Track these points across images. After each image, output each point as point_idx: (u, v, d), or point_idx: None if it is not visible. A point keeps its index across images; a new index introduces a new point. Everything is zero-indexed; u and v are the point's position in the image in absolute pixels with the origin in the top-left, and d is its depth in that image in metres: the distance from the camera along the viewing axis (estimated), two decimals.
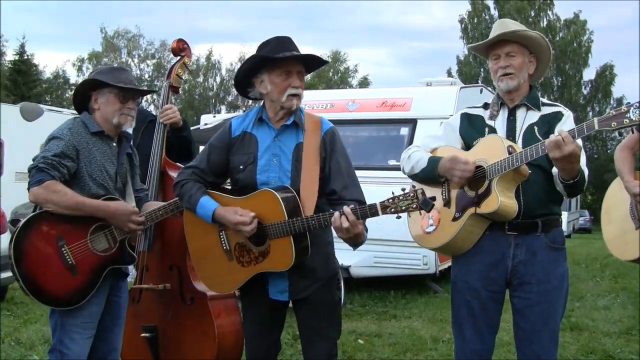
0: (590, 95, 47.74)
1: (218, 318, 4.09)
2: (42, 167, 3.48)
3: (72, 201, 3.49)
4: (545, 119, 3.48)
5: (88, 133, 3.66)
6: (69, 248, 3.53)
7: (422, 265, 9.05)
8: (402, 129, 9.96)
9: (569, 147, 3.03)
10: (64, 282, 3.53)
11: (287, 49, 3.36)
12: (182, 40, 4.71)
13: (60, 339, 3.58)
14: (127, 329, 4.17)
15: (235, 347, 4.18)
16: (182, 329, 4.15)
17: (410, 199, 3.04)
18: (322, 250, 3.45)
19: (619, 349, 6.35)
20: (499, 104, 3.57)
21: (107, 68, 3.86)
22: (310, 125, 3.46)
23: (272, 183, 3.38)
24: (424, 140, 3.80)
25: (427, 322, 7.63)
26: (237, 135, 3.52)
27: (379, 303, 8.75)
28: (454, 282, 3.62)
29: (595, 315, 8.04)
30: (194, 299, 4.14)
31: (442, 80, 12.27)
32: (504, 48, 3.48)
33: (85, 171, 3.60)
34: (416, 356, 6.14)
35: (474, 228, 3.43)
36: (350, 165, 3.47)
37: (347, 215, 3.10)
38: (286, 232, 3.23)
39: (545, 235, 3.42)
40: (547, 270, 3.41)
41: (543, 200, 3.41)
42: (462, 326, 3.54)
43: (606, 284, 11.26)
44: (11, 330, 6.83)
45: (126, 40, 53.03)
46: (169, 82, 4.58)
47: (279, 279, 3.40)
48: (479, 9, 46.92)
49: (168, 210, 3.80)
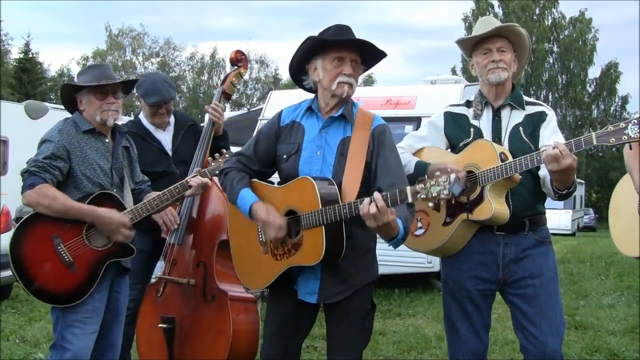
0: (595, 94, 47.61)
1: (235, 319, 4.11)
2: (33, 170, 3.52)
3: (61, 206, 3.53)
4: (530, 119, 3.50)
5: (80, 132, 3.69)
6: (65, 246, 3.57)
7: (426, 264, 9.05)
8: (407, 126, 9.94)
9: (566, 160, 3.05)
10: (63, 279, 3.57)
11: (344, 35, 3.26)
12: (240, 51, 4.86)
13: (62, 334, 3.60)
14: (146, 323, 4.31)
15: (248, 349, 4.20)
16: (198, 324, 4.20)
17: (442, 185, 2.80)
18: (363, 256, 3.32)
19: (623, 348, 6.33)
20: (482, 103, 3.56)
21: (85, 68, 3.89)
22: (361, 120, 3.35)
23: (313, 175, 3.25)
24: (408, 141, 3.76)
25: (432, 320, 7.63)
26: (285, 124, 3.43)
27: (383, 301, 8.75)
28: (444, 281, 3.62)
29: (600, 314, 8.02)
30: (215, 297, 4.18)
31: (446, 79, 12.28)
32: (496, 43, 3.49)
33: (78, 170, 3.63)
34: (420, 354, 6.14)
35: (464, 232, 3.45)
36: (399, 163, 3.33)
37: (376, 200, 2.93)
38: (318, 221, 3.09)
39: (532, 233, 3.46)
40: (539, 264, 3.44)
41: (530, 201, 3.46)
42: (455, 325, 3.55)
43: (611, 283, 11.24)
44: (16, 327, 6.85)
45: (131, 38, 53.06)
46: (223, 88, 4.75)
47: (311, 279, 3.28)
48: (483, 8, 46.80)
49: (163, 199, 3.80)
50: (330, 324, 3.37)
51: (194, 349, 4.19)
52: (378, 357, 6.03)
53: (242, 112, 17.08)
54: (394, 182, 3.18)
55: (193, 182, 3.88)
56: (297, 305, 3.34)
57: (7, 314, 7.67)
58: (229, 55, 4.85)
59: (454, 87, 10.44)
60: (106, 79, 3.72)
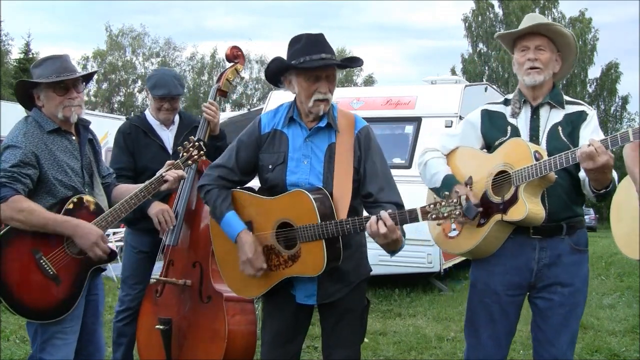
0: (596, 94, 47.51)
1: (231, 320, 4.11)
2: (2, 181, 3.27)
3: (39, 220, 3.31)
4: (569, 118, 3.40)
5: (44, 132, 3.46)
6: (47, 258, 3.37)
7: (426, 264, 9.05)
8: (407, 127, 9.97)
9: (602, 158, 2.97)
10: (49, 293, 3.39)
11: (316, 51, 3.19)
12: (236, 47, 4.77)
13: (42, 346, 3.43)
14: (145, 324, 4.29)
15: (245, 350, 4.21)
16: (195, 325, 4.19)
17: (452, 205, 2.87)
18: (355, 253, 3.34)
19: (624, 348, 6.33)
20: (521, 100, 3.47)
21: (42, 59, 3.56)
22: (344, 124, 3.33)
23: (302, 185, 3.25)
24: (441, 140, 3.70)
25: (432, 321, 7.62)
26: (267, 132, 3.38)
27: (384, 301, 8.75)
28: (473, 283, 3.54)
29: (600, 314, 8.01)
30: (211, 297, 4.17)
31: (446, 79, 12.30)
32: (534, 40, 3.39)
33: (50, 175, 3.41)
34: (421, 354, 6.13)
35: (499, 234, 3.36)
36: (386, 166, 3.33)
37: (385, 220, 2.95)
38: (318, 235, 3.10)
39: (569, 237, 3.36)
40: (571, 273, 3.36)
41: (567, 203, 3.36)
42: (479, 330, 3.45)
43: (611, 283, 11.22)
44: (16, 328, 6.82)
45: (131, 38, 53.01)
46: (218, 85, 4.64)
47: (308, 282, 3.29)
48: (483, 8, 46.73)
49: (140, 197, 3.68)
50: (328, 323, 3.38)
51: (192, 350, 4.18)
52: (378, 357, 6.03)
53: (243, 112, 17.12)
54: (383, 186, 3.24)
55: (169, 177, 3.74)
56: (295, 309, 3.36)
57: (7, 314, 7.60)
58: (225, 51, 4.75)
59: (454, 87, 10.45)
60: (66, 72, 3.48)
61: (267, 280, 3.32)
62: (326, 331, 3.40)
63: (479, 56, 46.39)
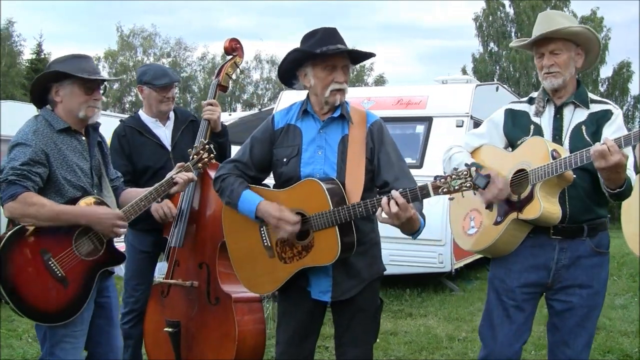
0: (607, 93, 47.20)
1: (241, 320, 4.11)
2: (12, 179, 3.25)
3: (51, 212, 3.29)
4: (594, 117, 3.37)
5: (54, 131, 3.43)
6: (56, 260, 3.34)
7: (437, 264, 9.03)
8: (418, 126, 9.95)
9: (614, 157, 2.94)
10: (57, 296, 3.35)
11: (332, 42, 3.25)
12: (235, 39, 4.71)
13: (51, 350, 3.42)
14: (152, 323, 4.27)
15: (255, 350, 4.21)
16: (204, 327, 4.18)
17: (463, 177, 2.85)
18: (369, 250, 3.36)
19: (636, 349, 6.30)
20: (545, 99, 3.45)
21: (66, 57, 3.54)
22: (357, 117, 3.36)
23: (317, 176, 3.28)
24: (466, 138, 3.71)
25: (443, 321, 7.61)
26: (280, 127, 3.43)
27: (395, 301, 8.73)
28: (490, 280, 3.54)
29: (613, 315, 7.97)
30: (219, 299, 4.16)
31: (457, 78, 12.26)
32: (547, 46, 3.36)
33: (59, 174, 3.39)
34: (432, 355, 6.13)
35: (516, 232, 3.35)
36: (400, 157, 3.36)
37: (396, 198, 2.93)
38: (331, 222, 3.11)
39: (590, 239, 3.34)
40: (590, 275, 3.34)
41: (589, 205, 3.32)
42: (496, 329, 3.44)
43: (623, 283, 11.16)
44: (29, 327, 6.86)
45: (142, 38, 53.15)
46: (218, 80, 4.60)
47: (323, 278, 3.29)
48: (494, 7, 46.60)
49: (150, 199, 3.70)
50: (342, 321, 3.39)
51: (201, 351, 4.18)
52: (389, 357, 6.02)
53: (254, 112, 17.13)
54: (398, 175, 3.26)
55: (179, 179, 3.75)
56: (311, 306, 3.37)
57: None
58: (224, 44, 4.68)
59: (465, 86, 10.42)
60: (95, 73, 3.49)
61: (282, 273, 3.32)
62: (339, 330, 3.42)
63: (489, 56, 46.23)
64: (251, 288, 3.58)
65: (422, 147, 9.54)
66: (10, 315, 7.42)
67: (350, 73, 3.39)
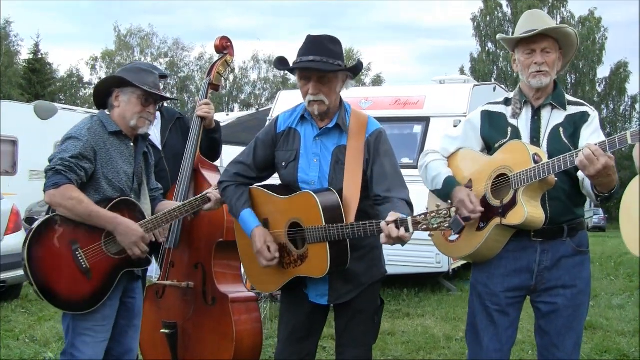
0: (605, 93, 47.40)
1: (238, 320, 4.10)
2: (59, 169, 3.37)
3: (86, 210, 3.40)
4: (571, 119, 3.33)
5: (106, 132, 3.56)
6: (84, 252, 3.45)
7: (435, 264, 9.05)
8: (416, 126, 9.96)
9: (601, 160, 2.91)
10: (79, 286, 3.45)
11: (310, 53, 3.23)
12: (225, 37, 4.70)
13: (72, 342, 3.51)
14: (148, 323, 4.21)
15: (253, 349, 4.20)
16: (201, 328, 4.17)
17: (442, 217, 2.86)
18: (368, 255, 3.35)
19: (633, 348, 6.30)
20: (522, 101, 3.40)
21: (135, 67, 3.74)
22: (356, 126, 3.34)
23: (313, 183, 3.30)
24: (442, 142, 3.64)
25: (440, 321, 7.61)
26: (282, 130, 3.44)
27: (392, 301, 8.74)
28: (473, 285, 3.50)
29: (610, 314, 7.99)
30: (216, 299, 4.15)
31: (455, 78, 12.29)
32: (541, 43, 3.28)
33: (101, 173, 3.51)
34: (429, 354, 6.13)
35: (499, 237, 3.32)
36: (396, 167, 3.32)
37: (386, 230, 2.91)
38: (322, 238, 3.13)
39: (571, 239, 3.32)
40: (573, 275, 3.32)
41: (568, 205, 3.31)
42: (480, 333, 3.41)
43: (621, 283, 11.19)
44: (26, 327, 6.87)
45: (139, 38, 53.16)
46: (209, 79, 4.59)
47: (319, 282, 3.31)
48: (492, 7, 46.70)
49: (183, 211, 3.75)
50: (341, 322, 3.40)
51: (199, 351, 4.17)
52: (387, 357, 6.03)
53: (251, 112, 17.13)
54: (391, 187, 3.22)
55: (212, 196, 3.79)
56: (310, 308, 3.38)
57: (17, 313, 7.69)
58: (214, 42, 4.65)
59: (462, 86, 10.44)
60: (157, 88, 3.65)
61: (282, 276, 3.36)
62: (338, 330, 3.43)
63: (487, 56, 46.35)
64: (256, 285, 3.63)
65: (419, 147, 9.55)
66: (8, 316, 7.43)
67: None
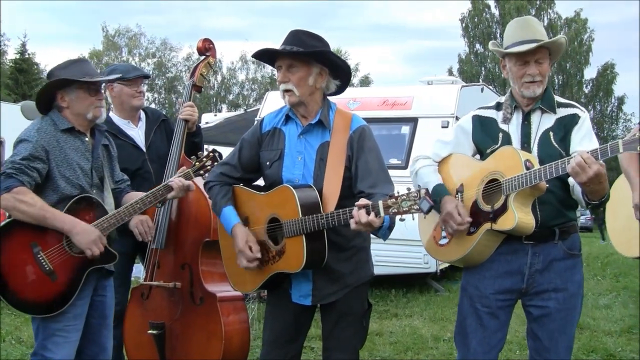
0: (592, 94, 47.62)
1: (226, 320, 4.09)
2: (10, 172, 3.36)
3: (39, 213, 3.38)
4: (561, 122, 3.33)
5: (58, 130, 3.53)
6: (45, 254, 3.43)
7: (423, 264, 9.06)
8: (403, 127, 9.98)
9: (593, 168, 2.90)
10: (44, 288, 3.43)
11: (284, 44, 3.26)
12: (207, 39, 4.71)
13: (43, 343, 3.48)
14: (134, 325, 4.22)
15: (241, 348, 4.19)
16: (189, 328, 4.15)
17: (412, 200, 2.85)
18: (354, 256, 3.33)
19: (620, 348, 6.34)
20: (512, 106, 3.39)
21: (66, 63, 3.69)
22: (340, 123, 3.34)
23: (297, 181, 3.30)
24: (434, 147, 3.63)
25: (428, 321, 7.62)
26: (267, 130, 3.45)
27: (380, 302, 8.75)
28: (463, 287, 3.49)
29: (597, 314, 8.02)
30: (204, 299, 4.14)
31: (443, 79, 12.31)
32: (535, 54, 3.28)
33: (57, 171, 3.48)
34: (417, 355, 6.14)
35: (489, 242, 3.31)
36: (381, 163, 3.31)
37: (357, 216, 2.91)
38: (299, 230, 3.13)
39: (562, 242, 3.31)
40: (564, 278, 3.31)
41: (560, 209, 3.30)
42: (469, 336, 3.40)
43: (607, 283, 11.24)
44: (12, 329, 6.83)
45: (127, 39, 52.93)
46: (192, 81, 4.59)
47: (303, 282, 3.29)
48: (480, 8, 46.82)
49: (146, 202, 3.70)
50: (328, 324, 3.37)
51: (187, 352, 4.15)
52: (375, 358, 6.03)
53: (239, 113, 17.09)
54: (375, 182, 3.21)
55: (174, 184, 3.74)
56: (295, 309, 3.35)
57: (3, 315, 7.63)
58: (197, 44, 4.67)
59: (450, 87, 10.46)
60: (95, 75, 3.66)
61: (259, 275, 3.35)
62: (325, 333, 3.40)
63: (475, 57, 46.46)
64: (235, 285, 3.62)
65: (407, 148, 9.57)
66: None
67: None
